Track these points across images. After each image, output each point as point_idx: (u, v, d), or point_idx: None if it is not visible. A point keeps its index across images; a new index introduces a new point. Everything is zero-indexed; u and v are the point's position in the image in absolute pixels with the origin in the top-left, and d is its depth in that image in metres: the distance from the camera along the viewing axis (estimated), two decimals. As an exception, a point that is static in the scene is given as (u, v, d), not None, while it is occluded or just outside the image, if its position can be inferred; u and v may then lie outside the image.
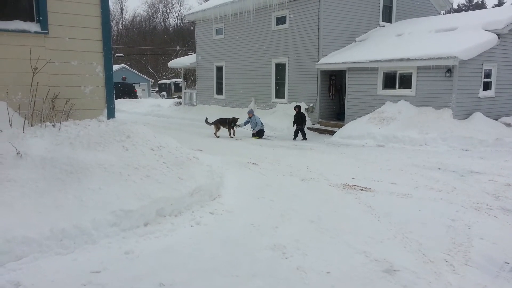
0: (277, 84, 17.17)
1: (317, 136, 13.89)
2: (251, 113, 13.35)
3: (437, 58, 11.24)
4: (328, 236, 4.45)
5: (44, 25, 5.87)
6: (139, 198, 4.47)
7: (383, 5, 16.27)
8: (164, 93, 40.66)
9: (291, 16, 15.93)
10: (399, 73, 12.69)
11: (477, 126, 10.50)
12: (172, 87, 40.08)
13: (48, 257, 3.66)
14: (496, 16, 12.56)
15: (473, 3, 51.91)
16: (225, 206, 5.21)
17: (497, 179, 6.90)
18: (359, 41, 15.61)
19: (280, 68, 16.90)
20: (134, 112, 23.60)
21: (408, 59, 12.02)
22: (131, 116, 20.93)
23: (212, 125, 13.27)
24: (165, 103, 26.46)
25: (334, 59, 14.48)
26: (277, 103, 16.84)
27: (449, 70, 11.13)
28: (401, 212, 5.24)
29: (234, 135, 13.10)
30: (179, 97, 28.52)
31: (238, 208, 5.25)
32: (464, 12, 19.97)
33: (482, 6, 50.76)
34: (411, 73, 12.24)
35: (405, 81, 12.51)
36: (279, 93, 17.05)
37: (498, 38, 11.85)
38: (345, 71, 14.23)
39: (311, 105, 15.39)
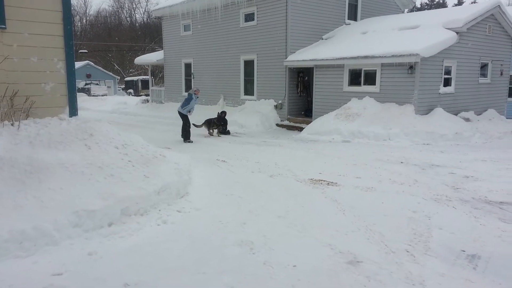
0: (246, 81, 17.18)
1: (286, 132, 14.01)
2: (198, 90, 12.14)
3: (400, 56, 11.57)
4: (295, 230, 4.52)
5: (1, 19, 5.62)
6: (103, 197, 4.37)
7: (349, 3, 16.56)
8: (131, 91, 39.77)
9: (259, 13, 15.97)
10: (364, 70, 12.97)
11: (437, 121, 10.91)
12: (139, 84, 39.24)
13: (6, 260, 3.53)
14: (456, 15, 13.04)
15: (434, 2, 53.73)
16: (193, 204, 5.18)
17: (456, 171, 7.21)
18: (325, 39, 15.84)
19: (248, 65, 16.90)
20: (99, 110, 22.97)
21: (373, 57, 12.30)
22: (96, 114, 20.37)
23: (203, 126, 13.04)
24: (132, 101, 25.92)
25: (302, 56, 14.63)
26: (246, 100, 16.85)
27: (411, 67, 11.48)
28: (365, 205, 5.39)
29: (219, 134, 12.79)
30: (147, 95, 27.96)
31: (206, 205, 5.24)
32: (426, 11, 20.65)
33: (443, 5, 52.61)
34: (376, 70, 12.54)
35: (370, 78, 12.81)
36: (248, 90, 17.07)
37: (458, 36, 12.32)
38: (313, 68, 14.41)
39: (280, 102, 15.50)
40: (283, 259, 3.77)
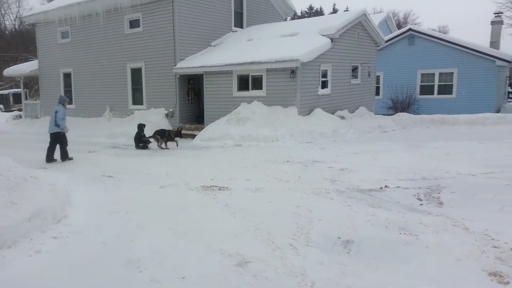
0: (134, 90, 16.52)
1: (180, 140, 13.83)
2: (65, 101, 10.41)
3: (283, 61, 12.28)
4: (186, 240, 4.48)
5: None
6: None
7: (235, 11, 17.03)
8: (1, 106, 35.22)
9: (145, 19, 15.52)
10: (251, 75, 13.46)
11: (317, 120, 11.83)
12: (11, 98, 34.96)
13: None
14: (330, 22, 14.29)
15: (313, 11, 58.26)
16: (72, 227, 4.79)
17: (333, 165, 7.91)
18: (214, 45, 16.06)
19: (136, 73, 16.30)
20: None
21: (258, 62, 12.84)
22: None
23: (153, 139, 12.09)
24: (2, 117, 23.08)
25: (191, 63, 14.62)
26: (135, 110, 16.21)
27: (293, 71, 12.27)
28: (255, 205, 5.59)
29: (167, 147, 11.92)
30: (20, 109, 25.07)
31: (88, 227, 4.89)
32: (304, 19, 22.28)
33: (320, 13, 57.33)
34: (262, 75, 13.12)
35: (257, 83, 13.35)
36: (137, 100, 16.44)
37: (331, 42, 13.52)
38: (202, 74, 14.50)
39: (171, 110, 15.25)
40: (172, 272, 3.71)
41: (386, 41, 19.87)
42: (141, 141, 12.08)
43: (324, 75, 13.74)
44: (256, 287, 3.38)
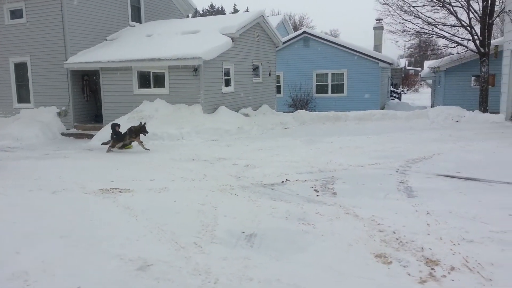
0: (19, 87, 14.87)
1: (74, 141, 12.84)
2: None
3: (185, 59, 12.12)
4: (81, 248, 4.18)
5: None
6: None
7: (131, 5, 16.30)
8: None
9: (29, 9, 14.01)
10: (152, 72, 13.05)
11: (222, 118, 11.96)
12: None
13: None
14: (230, 22, 14.48)
15: (214, 9, 58.49)
16: None
17: (239, 162, 8.06)
18: (110, 40, 15.18)
19: (21, 68, 14.68)
20: None
21: (159, 59, 12.49)
22: None
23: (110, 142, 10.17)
24: None
25: (85, 58, 13.64)
26: (21, 108, 14.61)
27: (196, 69, 12.19)
28: (159, 206, 5.44)
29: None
30: None
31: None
32: (205, 17, 22.24)
33: (222, 12, 57.83)
34: (164, 72, 12.80)
35: (159, 80, 12.99)
36: (23, 97, 14.83)
37: (232, 41, 13.72)
38: (98, 70, 13.62)
39: (64, 108, 14.06)
40: (65, 283, 3.42)
41: (284, 43, 20.85)
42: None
43: (227, 73, 13.91)
44: (159, 290, 3.29)
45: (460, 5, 15.99)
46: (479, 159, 7.48)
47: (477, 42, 15.83)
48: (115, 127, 10.41)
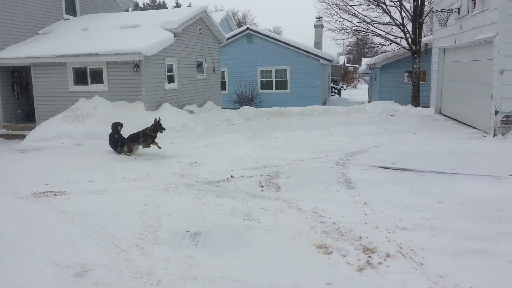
0: None
1: (4, 143, 11.92)
2: None
3: (124, 54, 11.67)
4: (12, 256, 3.90)
5: None
6: None
7: (65, -3, 15.40)
8: None
9: None
10: (89, 68, 12.44)
11: (166, 115, 11.63)
12: None
13: None
14: (172, 16, 14.15)
15: (156, 3, 56.93)
16: None
17: (183, 160, 7.93)
18: (42, 34, 14.24)
19: None
20: None
21: (97, 54, 11.93)
22: None
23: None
24: None
25: (15, 53, 12.70)
26: None
27: (136, 65, 11.79)
28: (98, 209, 5.21)
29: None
30: None
31: None
32: (145, 11, 21.62)
33: (164, 6, 56.43)
34: (102, 68, 12.24)
35: (97, 76, 12.41)
36: None
37: (175, 36, 13.43)
38: (30, 66, 12.73)
39: (-9, 107, 12.99)
40: (-7, 295, 3.18)
41: (228, 39, 20.80)
42: (119, 144, 8.82)
43: (170, 69, 13.61)
44: (98, 296, 3.16)
45: (394, 5, 16.92)
46: (411, 151, 7.97)
47: (409, 40, 16.85)
48: (117, 126, 8.98)
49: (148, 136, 8.43)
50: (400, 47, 17.99)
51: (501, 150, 7.67)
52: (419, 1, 16.40)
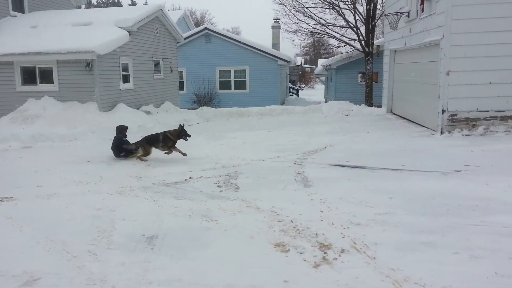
0: None
1: None
2: None
3: (76, 52, 11.24)
4: (-49, 268, 3.63)
5: None
6: None
7: (12, -8, 14.58)
8: None
9: None
10: (38, 67, 11.88)
11: (121, 116, 11.34)
12: None
13: None
14: (127, 14, 13.77)
15: (110, 1, 55.18)
16: None
17: (139, 161, 7.74)
18: (-15, 31, 13.40)
19: None
20: None
21: (46, 53, 11.41)
22: None
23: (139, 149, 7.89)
24: None
25: (-46, 51, 11.86)
26: None
27: (89, 64, 11.38)
28: (47, 214, 4.97)
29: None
30: None
31: None
32: (98, 9, 20.90)
33: (118, 4, 54.80)
34: (52, 67, 11.71)
35: (47, 76, 11.86)
36: None
37: (130, 35, 13.08)
38: (-29, 65, 11.95)
39: None
40: None
41: (185, 38, 20.56)
42: (122, 150, 8.13)
43: (125, 69, 13.25)
44: (48, 305, 3.01)
45: (347, 8, 17.43)
46: (365, 149, 8.25)
47: (363, 42, 17.44)
48: (123, 130, 8.32)
49: (169, 139, 7.78)
50: (354, 49, 18.58)
51: (448, 148, 8.11)
52: (372, 5, 17.02)
